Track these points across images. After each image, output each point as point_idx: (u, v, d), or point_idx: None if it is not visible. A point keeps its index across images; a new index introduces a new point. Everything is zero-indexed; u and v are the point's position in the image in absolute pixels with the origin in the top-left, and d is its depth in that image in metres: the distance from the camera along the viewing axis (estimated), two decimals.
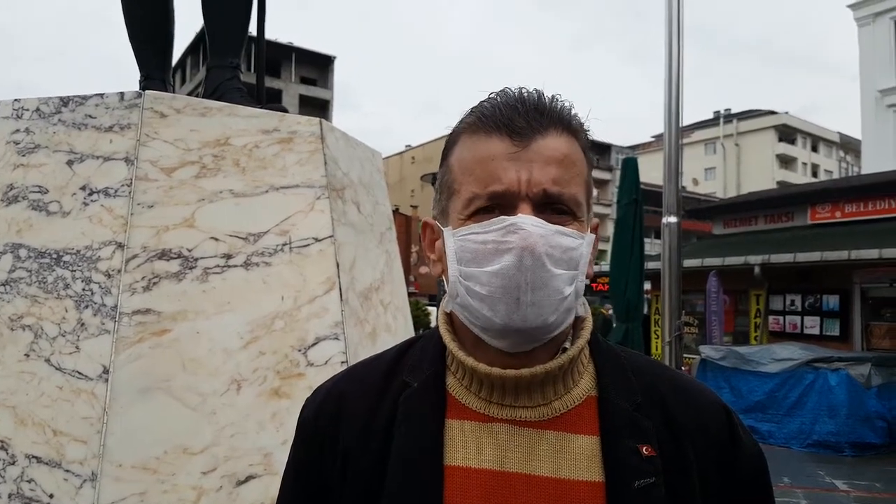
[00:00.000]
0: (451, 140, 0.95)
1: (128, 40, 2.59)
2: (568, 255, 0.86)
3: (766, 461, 0.98)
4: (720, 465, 0.92)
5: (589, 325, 0.96)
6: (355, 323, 2.16)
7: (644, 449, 0.87)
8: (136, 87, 2.41)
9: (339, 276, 2.10)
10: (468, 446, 0.89)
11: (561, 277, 0.85)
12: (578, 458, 0.88)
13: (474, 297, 0.86)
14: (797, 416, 9.77)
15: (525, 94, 0.89)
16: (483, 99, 0.92)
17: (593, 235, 0.92)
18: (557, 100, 0.90)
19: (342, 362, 2.01)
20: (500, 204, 0.86)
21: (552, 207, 0.87)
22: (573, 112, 0.91)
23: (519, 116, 0.87)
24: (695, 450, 0.90)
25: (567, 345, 0.93)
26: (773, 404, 9.99)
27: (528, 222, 0.83)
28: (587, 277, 0.90)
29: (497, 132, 0.87)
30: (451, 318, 0.97)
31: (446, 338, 0.95)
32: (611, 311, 14.55)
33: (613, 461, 0.86)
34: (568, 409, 0.91)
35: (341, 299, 2.08)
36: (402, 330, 2.58)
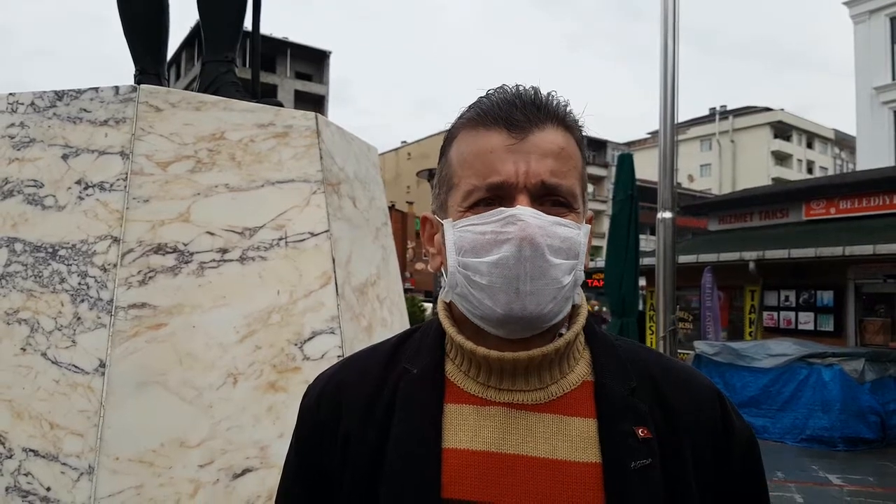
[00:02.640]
0: (450, 135, 0.97)
1: (122, 35, 2.59)
2: (567, 244, 0.88)
3: (758, 444, 1.00)
4: (713, 448, 0.93)
5: (584, 312, 0.98)
6: (351, 317, 2.17)
7: (640, 431, 0.89)
8: (131, 83, 2.41)
9: (334, 271, 2.10)
10: (466, 429, 0.91)
11: (560, 267, 0.87)
12: (575, 439, 0.89)
13: (474, 287, 0.88)
14: (791, 411, 9.81)
15: (522, 91, 0.92)
16: (481, 95, 0.94)
17: (589, 226, 0.94)
18: (553, 96, 0.93)
19: (338, 356, 2.02)
20: (498, 196, 0.88)
21: (550, 199, 0.89)
22: (569, 108, 0.94)
23: (516, 111, 0.89)
24: (689, 433, 0.92)
25: (563, 330, 0.95)
26: (768, 399, 10.04)
27: (526, 213, 0.85)
28: (584, 267, 0.92)
29: (495, 126, 0.89)
30: (450, 307, 0.98)
31: (445, 324, 0.97)
32: (596, 307, 14.60)
33: (610, 442, 0.88)
34: (564, 393, 0.93)
35: (337, 294, 2.08)
36: (397, 325, 2.59)
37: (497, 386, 0.92)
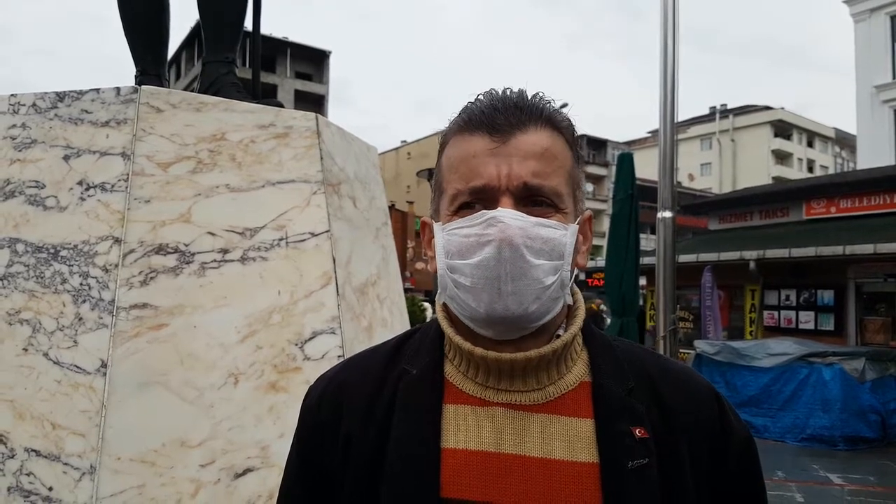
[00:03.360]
0: (443, 142, 0.99)
1: (123, 36, 2.59)
2: (549, 245, 0.89)
3: (756, 444, 1.01)
4: (711, 448, 0.94)
5: (581, 312, 0.99)
6: (352, 317, 2.18)
7: (637, 431, 0.90)
8: (132, 83, 2.42)
9: (335, 271, 2.11)
10: (465, 429, 0.92)
11: (541, 267, 0.88)
12: (573, 439, 0.90)
13: (460, 289, 0.90)
14: (791, 410, 9.81)
15: (507, 94, 0.93)
16: (471, 101, 0.96)
17: (577, 227, 0.94)
18: (539, 97, 0.94)
19: (339, 356, 2.02)
20: (482, 199, 0.90)
21: (533, 200, 0.90)
22: (554, 108, 0.95)
23: (498, 114, 0.91)
24: (686, 433, 0.93)
25: (560, 331, 0.96)
26: (768, 399, 10.04)
27: (506, 215, 0.87)
28: (580, 268, 0.93)
29: (479, 131, 0.91)
30: (447, 308, 0.99)
31: (444, 324, 0.98)
32: (602, 306, 14.59)
33: (607, 442, 0.89)
34: (562, 394, 0.94)
35: (337, 294, 2.09)
36: (398, 325, 2.60)
37: (495, 386, 0.93)
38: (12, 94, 2.14)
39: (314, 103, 45.27)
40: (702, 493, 0.92)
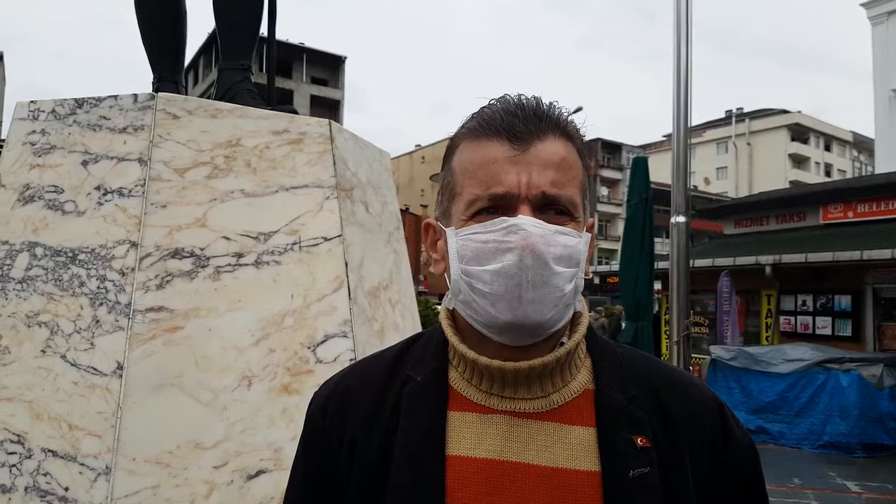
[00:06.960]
0: (453, 145, 0.98)
1: (141, 43, 2.63)
2: (567, 253, 0.89)
3: (758, 454, 1.00)
4: (712, 458, 0.94)
5: (585, 320, 0.99)
6: (363, 321, 2.19)
7: (639, 440, 0.90)
8: (150, 90, 2.45)
9: (347, 275, 2.13)
10: (469, 437, 0.92)
11: (561, 275, 0.88)
12: (575, 448, 0.91)
13: (477, 295, 0.89)
14: (808, 416, 9.71)
15: (524, 101, 0.93)
16: (483, 105, 0.96)
17: (589, 234, 0.95)
18: (555, 106, 0.94)
19: (350, 359, 2.04)
20: (500, 205, 0.90)
21: (550, 208, 0.90)
22: (570, 118, 0.95)
23: (518, 121, 0.90)
24: (688, 441, 0.93)
25: (564, 339, 0.96)
26: (784, 405, 9.94)
27: (528, 223, 0.87)
28: (585, 275, 0.93)
29: (497, 136, 0.91)
30: (453, 314, 1.00)
31: (448, 332, 0.98)
32: (622, 312, 14.49)
33: (609, 451, 0.89)
34: (565, 402, 0.94)
35: (350, 298, 2.11)
36: (409, 329, 2.61)
37: (500, 394, 0.94)
38: (32, 101, 2.18)
39: (330, 108, 45.50)
40: (703, 502, 0.92)
